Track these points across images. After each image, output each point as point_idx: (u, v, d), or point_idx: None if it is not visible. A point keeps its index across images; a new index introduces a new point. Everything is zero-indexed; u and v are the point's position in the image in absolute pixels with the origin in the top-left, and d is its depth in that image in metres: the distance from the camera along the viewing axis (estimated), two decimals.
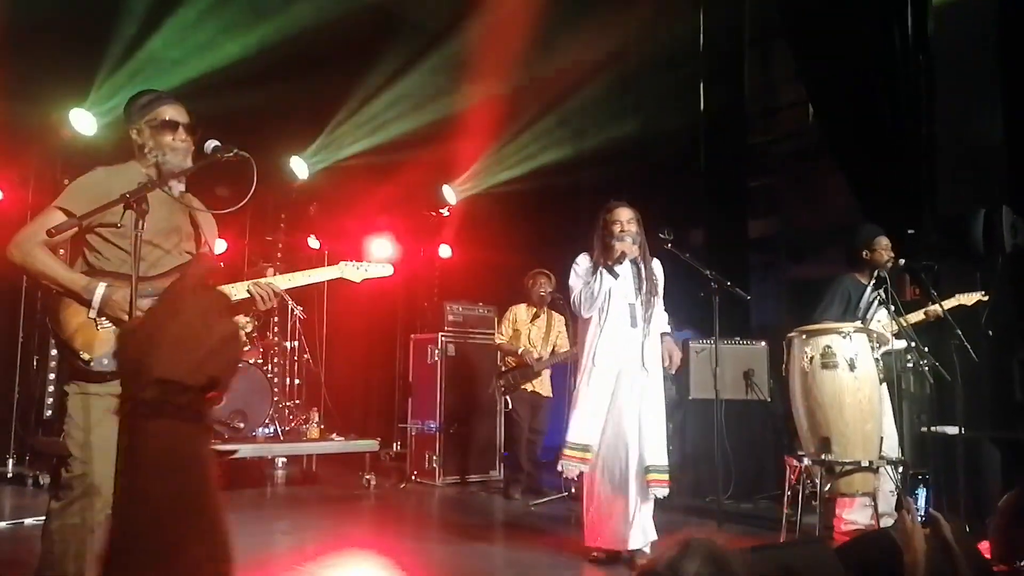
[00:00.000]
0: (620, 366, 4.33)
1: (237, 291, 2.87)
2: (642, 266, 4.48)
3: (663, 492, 4.27)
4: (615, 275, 4.36)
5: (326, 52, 6.87)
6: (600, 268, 4.36)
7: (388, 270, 3.23)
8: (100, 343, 2.71)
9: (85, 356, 2.69)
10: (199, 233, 2.97)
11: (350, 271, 3.12)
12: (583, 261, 4.52)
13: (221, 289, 2.69)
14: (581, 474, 4.36)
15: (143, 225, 2.54)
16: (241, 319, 6.28)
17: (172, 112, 2.89)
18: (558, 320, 6.74)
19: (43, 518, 2.69)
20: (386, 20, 7.51)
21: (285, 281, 3.03)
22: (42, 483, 6.01)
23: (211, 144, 2.81)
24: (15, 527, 4.80)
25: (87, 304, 2.70)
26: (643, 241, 4.49)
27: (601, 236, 4.48)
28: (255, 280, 2.89)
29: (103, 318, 2.72)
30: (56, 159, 6.47)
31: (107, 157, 2.99)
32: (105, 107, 6.53)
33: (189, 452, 1.11)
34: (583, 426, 4.32)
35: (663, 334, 4.56)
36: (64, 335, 2.71)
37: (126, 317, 2.66)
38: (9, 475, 6.35)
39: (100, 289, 2.70)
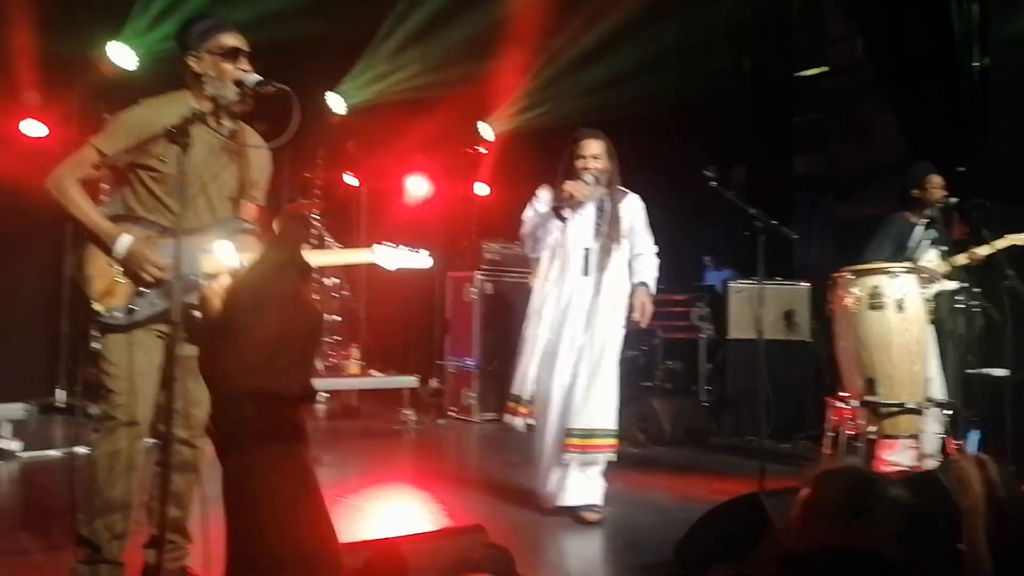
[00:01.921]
0: (566, 317, 3.99)
1: None
2: (607, 207, 4.04)
3: (588, 458, 3.91)
4: (563, 219, 3.95)
5: None
6: (550, 209, 3.98)
7: (426, 261, 3.05)
8: (115, 295, 2.65)
9: (97, 307, 2.65)
10: (245, 179, 2.87)
11: (384, 256, 2.95)
12: (543, 195, 4.13)
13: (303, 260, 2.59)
14: (530, 427, 4.08)
15: (187, 161, 2.43)
16: None
17: (234, 39, 2.75)
18: None
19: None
20: None
21: (315, 258, 2.97)
22: (91, 413, 6.14)
23: (253, 78, 2.73)
24: (66, 456, 4.93)
25: (109, 252, 2.64)
26: (613, 177, 4.07)
27: (563, 170, 4.05)
28: None
29: (123, 272, 2.65)
30: (99, 94, 6.45)
31: (150, 91, 2.89)
32: (142, 40, 6.47)
33: (298, 479, 0.91)
34: (526, 377, 4.03)
35: (639, 284, 4.12)
36: (84, 281, 2.67)
37: (148, 275, 2.63)
38: (59, 405, 6.50)
39: (125, 240, 2.62)
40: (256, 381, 0.81)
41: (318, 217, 6.95)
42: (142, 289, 2.67)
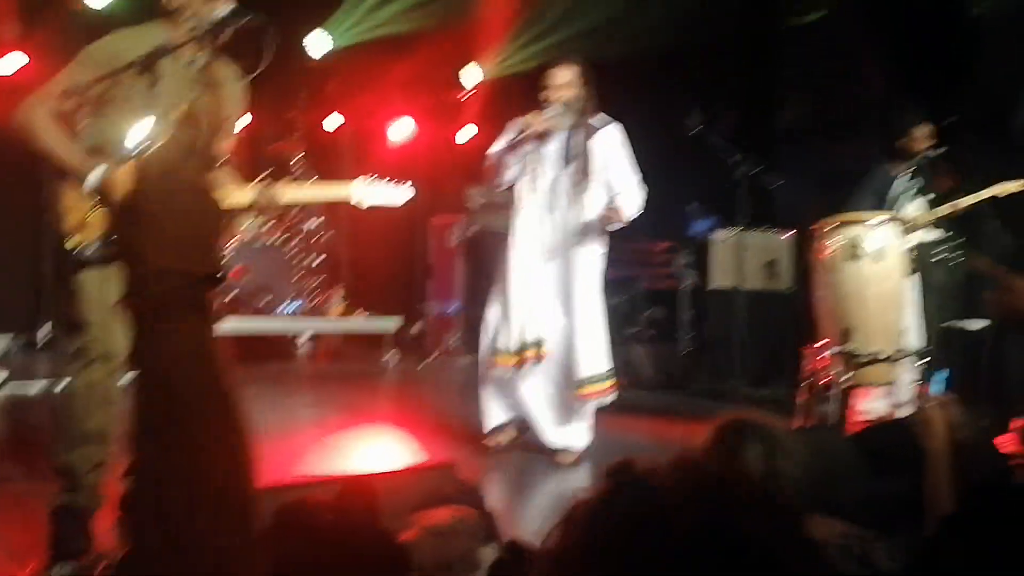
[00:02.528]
0: (540, 254, 3.88)
1: (241, 196, 2.78)
2: (575, 139, 3.87)
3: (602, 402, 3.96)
4: (524, 150, 3.84)
5: None
6: (509, 142, 3.86)
7: (402, 197, 2.98)
8: (89, 228, 2.61)
9: (71, 242, 2.61)
10: (219, 109, 2.82)
11: (361, 192, 2.91)
12: (511, 128, 3.97)
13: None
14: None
15: (156, 93, 2.43)
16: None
17: None
18: None
19: None
20: None
21: (291, 193, 2.92)
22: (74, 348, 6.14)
23: (225, 9, 2.68)
24: (48, 390, 4.94)
25: (82, 185, 2.56)
26: (586, 105, 3.88)
27: (540, 101, 3.89)
28: (261, 187, 2.79)
29: (97, 202, 2.57)
30: (80, 24, 6.31)
31: (131, 20, 2.82)
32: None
33: (203, 349, 1.00)
34: (524, 320, 3.88)
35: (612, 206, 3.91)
36: (56, 217, 2.63)
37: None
38: (43, 341, 6.49)
39: (98, 170, 2.52)
40: (163, 259, 0.88)
41: (300, 158, 6.89)
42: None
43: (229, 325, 6.14)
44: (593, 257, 3.97)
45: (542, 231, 3.88)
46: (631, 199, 3.97)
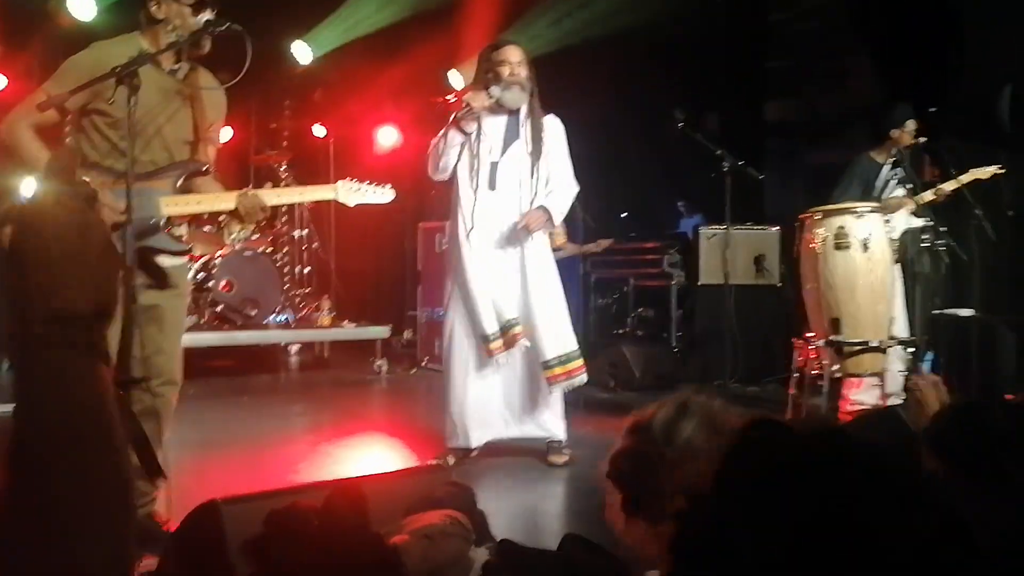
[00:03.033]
0: (491, 238, 3.74)
1: (224, 202, 2.75)
2: (525, 121, 3.75)
3: (573, 382, 3.82)
4: (464, 132, 3.67)
5: None
6: (450, 122, 3.68)
7: (387, 196, 3.00)
8: None
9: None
10: (201, 121, 2.82)
11: (345, 193, 2.91)
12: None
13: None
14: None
15: (135, 102, 2.40)
16: (237, 228, 6.24)
17: None
18: None
19: None
20: None
21: (274, 196, 2.93)
22: None
23: (202, 18, 2.68)
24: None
25: None
26: (534, 89, 3.76)
27: (483, 80, 3.72)
28: (243, 191, 2.75)
29: None
30: (60, 43, 6.29)
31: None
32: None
33: (86, 388, 0.99)
34: (496, 303, 3.73)
35: (539, 207, 3.76)
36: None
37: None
38: None
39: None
40: (44, 302, 0.89)
41: (286, 167, 6.88)
42: None
43: (219, 337, 6.12)
44: (544, 237, 3.85)
45: (491, 212, 3.73)
46: (563, 196, 3.84)
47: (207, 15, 2.70)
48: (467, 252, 3.73)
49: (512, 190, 3.73)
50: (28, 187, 2.53)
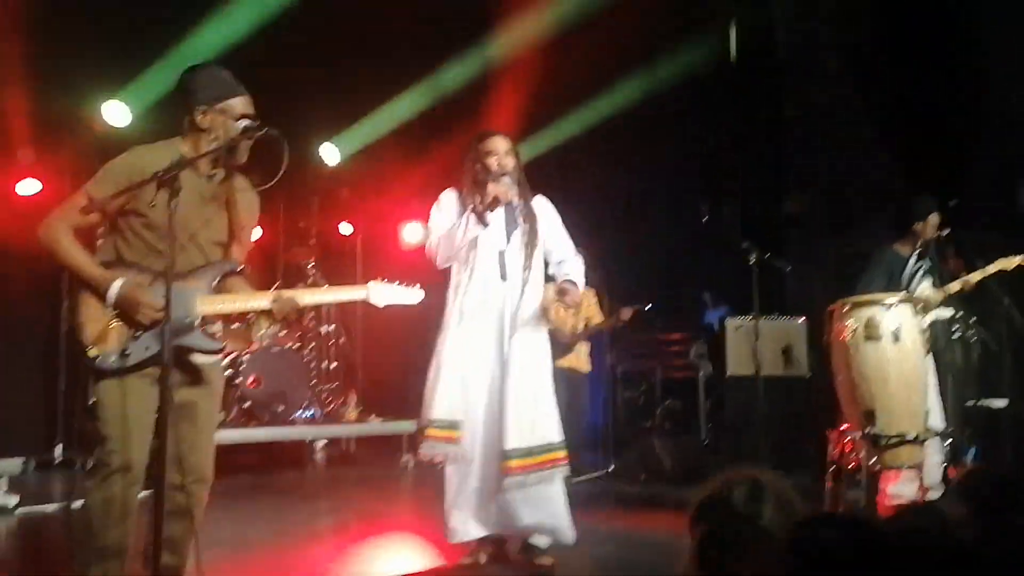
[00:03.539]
0: (488, 327, 3.63)
1: (259, 302, 2.81)
2: (518, 208, 3.72)
3: (533, 478, 3.52)
4: (485, 223, 3.58)
5: (357, 39, 6.88)
6: (468, 213, 3.59)
7: (417, 296, 3.03)
8: (108, 340, 2.67)
9: (92, 352, 2.66)
10: (235, 224, 2.91)
11: (376, 293, 2.96)
12: (448, 200, 3.79)
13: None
14: (443, 460, 3.61)
15: (176, 205, 2.48)
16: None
17: (246, 106, 2.80)
18: (588, 294, 6.68)
19: None
20: (415, 9, 7.51)
21: (308, 296, 2.97)
22: (90, 466, 6.10)
23: (241, 123, 2.78)
24: (65, 510, 4.88)
25: (102, 298, 2.66)
26: (522, 177, 3.74)
27: (472, 171, 3.69)
28: (279, 292, 2.82)
29: (116, 315, 2.67)
30: (92, 151, 6.54)
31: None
32: (139, 98, 6.57)
33: None
34: (448, 398, 3.58)
35: (568, 280, 3.73)
36: (77, 328, 2.68)
37: (142, 317, 2.64)
38: (57, 460, 6.46)
39: (117, 284, 2.64)
40: None
41: (314, 264, 7.00)
42: (136, 333, 2.68)
43: (247, 434, 6.12)
44: (543, 323, 3.75)
45: (492, 301, 3.64)
46: (577, 266, 3.82)
47: (246, 120, 2.80)
48: (453, 337, 3.66)
49: (518, 278, 3.67)
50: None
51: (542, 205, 3.86)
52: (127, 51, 6.45)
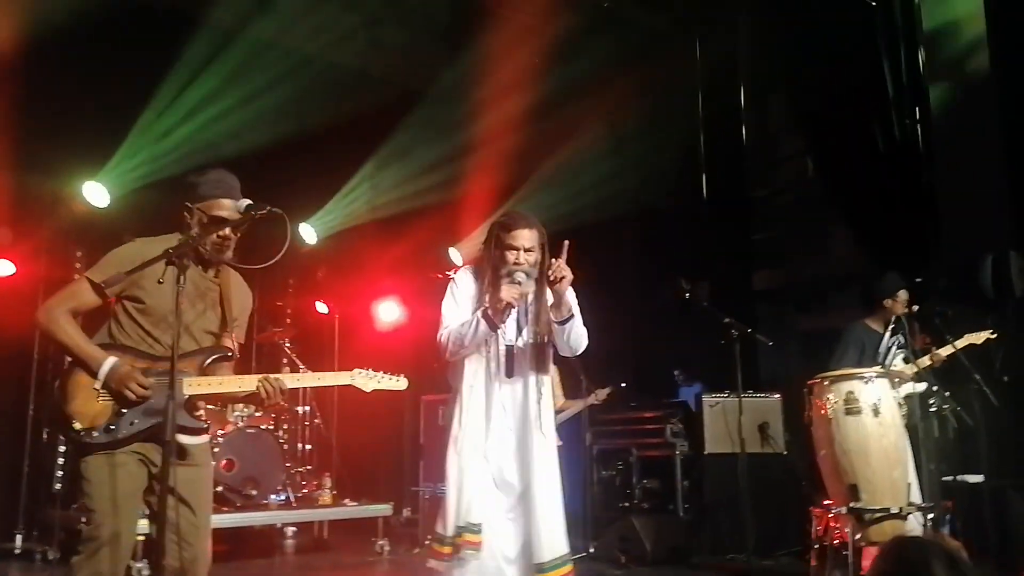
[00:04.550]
0: (498, 428, 3.45)
1: (246, 384, 2.87)
2: (532, 302, 3.54)
3: None
4: (495, 328, 3.41)
5: (333, 124, 7.04)
6: (479, 314, 3.41)
7: (401, 384, 3.09)
8: (96, 415, 2.74)
9: (77, 425, 2.73)
10: (226, 311, 3.00)
11: (361, 380, 3.02)
12: (464, 281, 3.60)
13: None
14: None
15: (184, 281, 2.61)
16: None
17: (225, 211, 2.88)
18: (553, 371, 6.66)
19: None
20: (388, 90, 7.70)
21: (294, 380, 3.03)
22: (51, 558, 5.88)
23: (243, 203, 2.86)
24: None
25: (94, 375, 2.75)
26: (543, 269, 3.49)
27: (492, 259, 3.51)
28: (265, 376, 2.88)
29: (105, 391, 2.75)
30: (69, 232, 6.52)
31: (120, 230, 3.05)
32: (118, 180, 6.61)
33: None
34: (468, 502, 3.38)
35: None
36: (64, 402, 2.75)
37: (130, 394, 2.73)
38: (17, 551, 6.21)
39: (109, 362, 2.75)
40: None
41: (290, 344, 6.95)
42: (123, 409, 2.76)
43: (218, 519, 5.95)
44: (553, 419, 3.60)
45: (503, 397, 3.47)
46: (581, 334, 3.59)
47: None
48: (465, 440, 3.44)
49: (526, 374, 3.50)
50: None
51: (566, 296, 3.56)
52: (106, 133, 6.51)
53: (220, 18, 6.71)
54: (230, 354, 2.98)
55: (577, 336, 3.53)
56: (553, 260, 3.42)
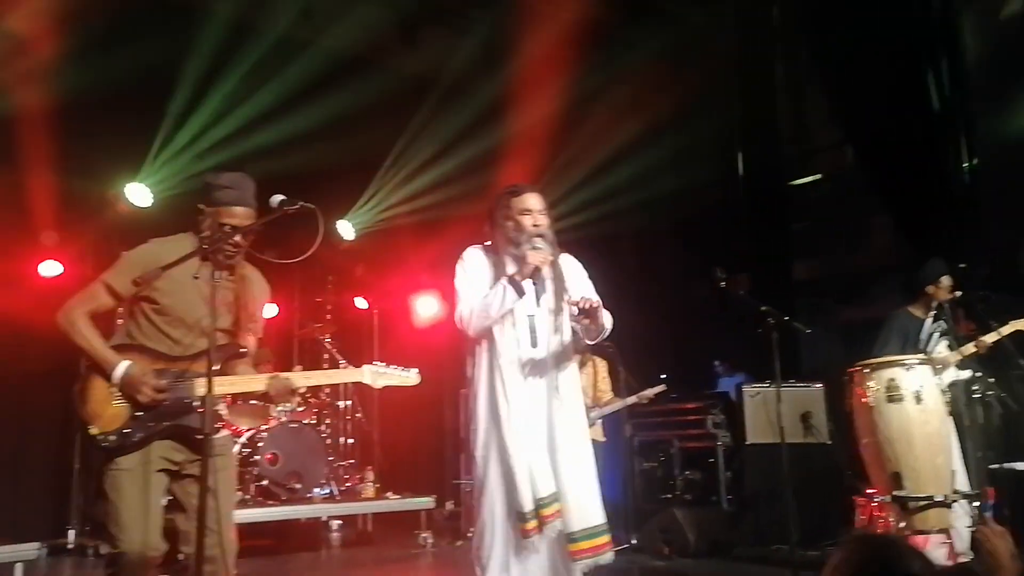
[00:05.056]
0: (531, 396, 3.37)
1: (255, 384, 2.92)
2: (554, 268, 3.43)
3: (597, 561, 3.33)
4: (522, 293, 3.33)
5: (371, 117, 7.09)
6: (504, 283, 3.32)
7: (413, 379, 3.08)
8: (110, 419, 2.81)
9: (93, 430, 2.80)
10: (241, 308, 3.02)
11: (371, 375, 3.02)
12: (475, 259, 3.55)
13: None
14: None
15: (220, 276, 2.71)
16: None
17: (238, 218, 2.91)
18: (602, 366, 6.68)
19: None
20: (423, 83, 7.75)
21: (303, 379, 3.07)
22: (103, 553, 6.01)
23: (277, 198, 2.87)
24: None
25: (109, 378, 2.81)
26: (553, 237, 3.45)
27: (504, 229, 3.44)
28: (275, 374, 2.92)
29: (120, 394, 2.81)
30: (113, 233, 6.66)
31: (164, 229, 3.08)
32: (159, 180, 6.74)
33: None
34: (535, 476, 3.30)
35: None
36: (80, 405, 2.83)
37: (143, 397, 2.79)
38: (70, 546, 6.38)
39: (123, 365, 2.80)
40: None
41: (330, 339, 7.04)
42: (137, 412, 2.82)
43: (263, 512, 6.05)
44: (579, 388, 3.55)
45: (528, 369, 3.39)
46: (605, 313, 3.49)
47: (280, 196, 2.89)
48: (506, 414, 3.35)
49: (547, 344, 3.42)
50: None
51: (570, 261, 3.61)
52: (149, 134, 6.64)
53: (258, 17, 6.81)
54: (243, 351, 3.01)
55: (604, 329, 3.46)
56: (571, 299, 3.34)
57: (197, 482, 2.77)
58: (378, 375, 3.03)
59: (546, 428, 3.37)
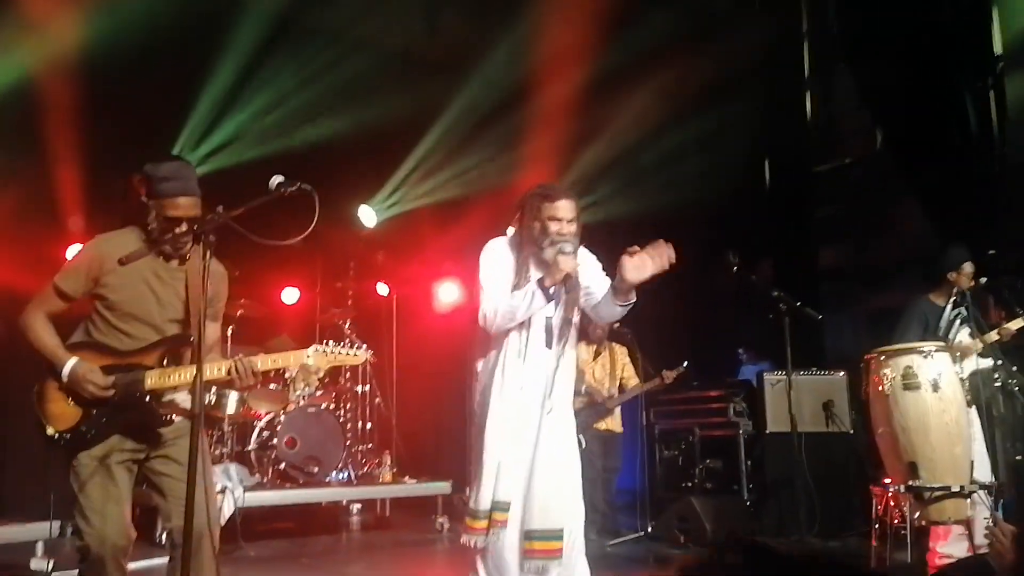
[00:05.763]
0: (529, 397, 3.37)
1: (217, 370, 2.90)
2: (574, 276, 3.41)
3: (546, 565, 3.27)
4: (551, 298, 3.33)
5: (392, 108, 7.11)
6: (534, 288, 3.31)
7: (361, 356, 3.04)
8: (67, 417, 2.84)
9: (49, 430, 2.84)
10: (192, 303, 2.97)
11: (317, 357, 2.97)
12: (499, 252, 3.53)
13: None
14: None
15: (210, 257, 2.66)
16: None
17: (182, 208, 2.86)
18: (621, 353, 6.64)
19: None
20: (447, 69, 7.72)
21: (262, 362, 2.97)
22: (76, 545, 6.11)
23: (276, 180, 2.84)
24: None
25: (59, 377, 2.84)
26: (578, 244, 3.43)
27: (531, 229, 3.43)
28: (237, 358, 2.91)
29: (71, 392, 2.85)
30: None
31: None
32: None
33: None
34: (503, 479, 3.31)
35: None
36: (39, 405, 2.87)
37: (88, 394, 2.81)
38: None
39: (69, 363, 2.82)
40: None
41: (350, 325, 7.08)
42: (91, 409, 2.85)
43: (281, 496, 6.11)
44: (570, 403, 3.51)
45: (537, 368, 3.40)
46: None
47: (279, 177, 2.87)
48: (497, 410, 3.37)
49: (559, 347, 3.43)
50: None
51: (585, 255, 3.57)
52: (172, 123, 6.71)
53: (286, 8, 6.84)
54: (192, 339, 2.92)
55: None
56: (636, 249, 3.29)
57: (164, 460, 2.92)
58: (323, 355, 2.99)
59: (535, 431, 3.35)
